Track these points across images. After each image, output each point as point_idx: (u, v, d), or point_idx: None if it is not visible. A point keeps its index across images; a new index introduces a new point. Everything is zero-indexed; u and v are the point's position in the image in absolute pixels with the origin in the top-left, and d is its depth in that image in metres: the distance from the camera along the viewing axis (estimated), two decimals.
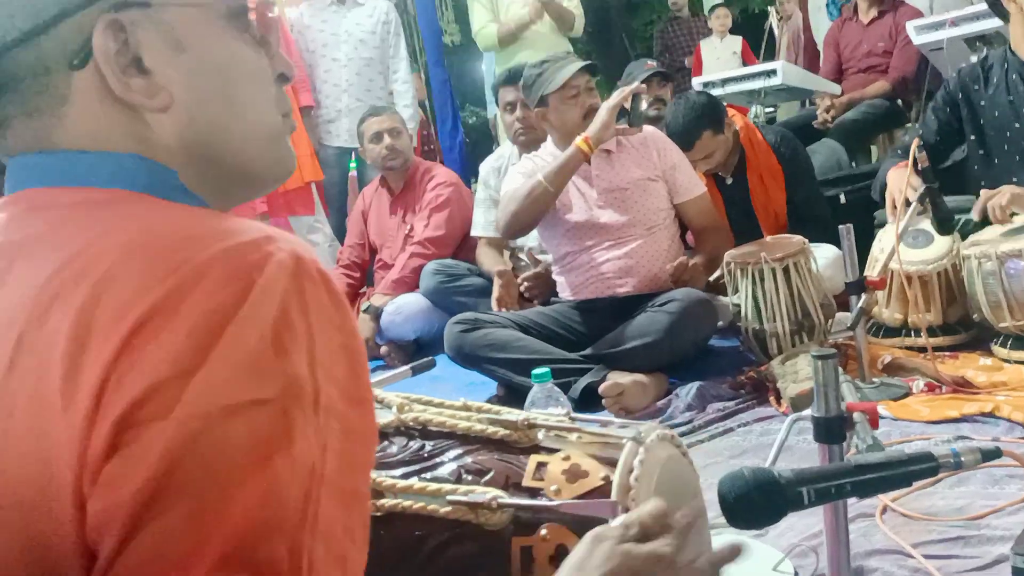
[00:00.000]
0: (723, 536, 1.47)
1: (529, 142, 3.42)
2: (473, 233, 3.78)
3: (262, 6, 0.75)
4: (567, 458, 0.97)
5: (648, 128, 3.08)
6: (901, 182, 2.54)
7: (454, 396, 1.18)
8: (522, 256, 3.58)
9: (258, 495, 0.53)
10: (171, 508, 0.52)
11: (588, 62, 3.03)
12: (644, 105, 2.85)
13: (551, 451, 0.99)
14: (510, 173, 3.16)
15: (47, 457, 0.54)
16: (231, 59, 0.71)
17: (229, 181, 0.72)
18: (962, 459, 0.96)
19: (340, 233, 4.53)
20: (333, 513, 0.56)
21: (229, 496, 0.52)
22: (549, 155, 3.04)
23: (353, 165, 4.63)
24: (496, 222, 3.16)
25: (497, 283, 3.31)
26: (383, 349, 3.77)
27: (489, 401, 2.75)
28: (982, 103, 2.84)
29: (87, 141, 0.66)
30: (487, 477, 0.96)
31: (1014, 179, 2.69)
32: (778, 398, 2.45)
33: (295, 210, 4.48)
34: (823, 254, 2.91)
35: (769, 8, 6.79)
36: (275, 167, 0.75)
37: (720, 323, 2.93)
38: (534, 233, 3.16)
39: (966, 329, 2.67)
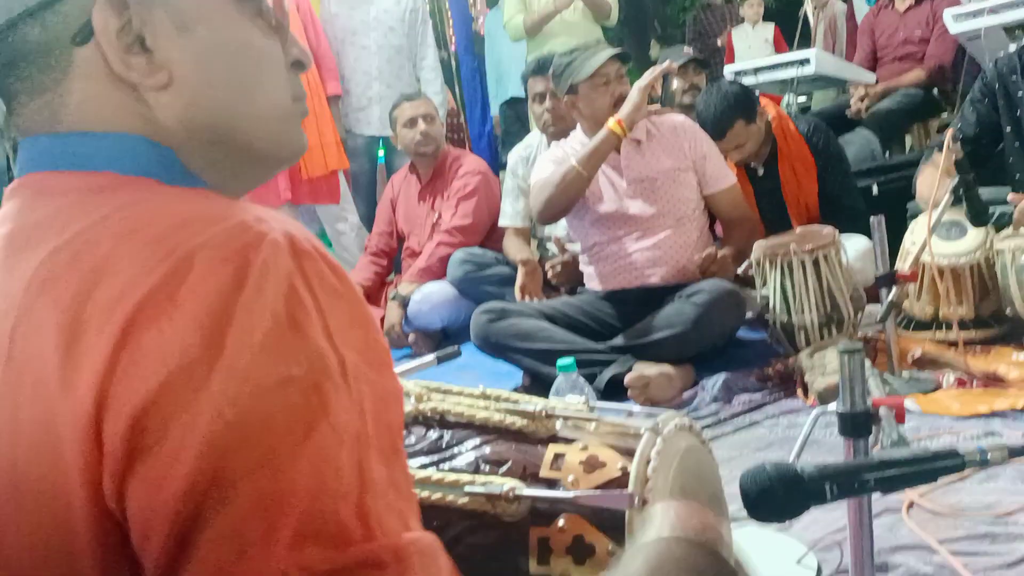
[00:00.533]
0: (744, 529, 1.47)
1: (559, 132, 3.40)
2: (501, 223, 3.76)
3: None
4: (584, 448, 0.96)
5: (679, 117, 3.06)
6: (934, 180, 2.50)
7: (479, 385, 1.18)
8: (549, 246, 3.57)
9: (312, 467, 0.53)
10: (233, 497, 0.52)
11: (619, 50, 3.01)
12: (675, 86, 2.83)
13: (569, 441, 0.98)
14: (540, 161, 3.15)
15: (55, 444, 0.55)
16: (240, 41, 0.70)
17: (236, 162, 0.72)
18: (989, 456, 0.94)
19: (368, 222, 4.52)
20: (381, 471, 0.57)
21: (284, 474, 0.53)
22: (578, 143, 3.02)
23: (381, 153, 4.62)
24: (530, 209, 3.16)
25: (521, 272, 3.33)
26: (410, 337, 3.77)
27: (515, 391, 2.75)
28: (1019, 93, 2.78)
29: (91, 121, 0.66)
30: (505, 467, 0.96)
31: None
32: (805, 391, 2.43)
33: (319, 198, 4.46)
34: (854, 246, 2.88)
35: None
36: (284, 147, 0.75)
37: (748, 314, 2.91)
38: (562, 223, 3.15)
39: (999, 323, 2.63)
